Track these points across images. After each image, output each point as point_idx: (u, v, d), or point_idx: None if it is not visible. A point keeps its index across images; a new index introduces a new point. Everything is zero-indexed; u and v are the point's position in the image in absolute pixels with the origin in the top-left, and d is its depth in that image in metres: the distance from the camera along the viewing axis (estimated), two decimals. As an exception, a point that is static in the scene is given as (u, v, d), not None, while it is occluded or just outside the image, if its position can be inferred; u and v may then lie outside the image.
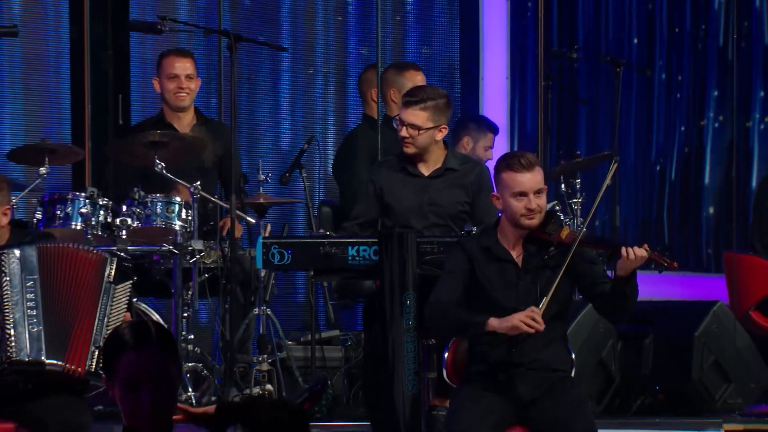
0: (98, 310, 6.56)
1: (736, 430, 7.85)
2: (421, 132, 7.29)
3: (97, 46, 9.72)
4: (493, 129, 9.38)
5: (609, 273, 6.51)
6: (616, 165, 6.69)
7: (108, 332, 6.52)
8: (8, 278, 6.46)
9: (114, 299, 6.61)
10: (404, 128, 7.30)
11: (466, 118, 9.64)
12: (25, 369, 6.45)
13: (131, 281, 6.71)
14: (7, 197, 6.81)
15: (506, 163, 6.48)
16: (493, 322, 6.32)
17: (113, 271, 6.62)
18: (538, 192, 6.44)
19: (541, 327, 6.27)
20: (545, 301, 6.32)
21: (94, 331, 6.53)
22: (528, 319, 6.26)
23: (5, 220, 6.70)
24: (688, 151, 10.53)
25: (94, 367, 6.51)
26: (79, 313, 6.54)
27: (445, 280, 6.56)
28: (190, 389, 7.65)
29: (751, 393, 8.26)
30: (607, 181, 6.63)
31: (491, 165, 9.15)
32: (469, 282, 6.51)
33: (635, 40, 10.49)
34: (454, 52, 10.28)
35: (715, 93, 10.48)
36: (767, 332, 8.52)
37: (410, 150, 7.34)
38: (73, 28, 9.71)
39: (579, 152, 9.29)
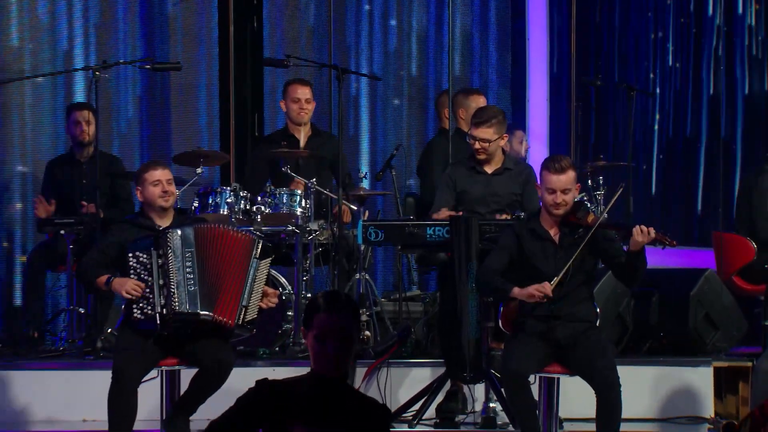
0: (247, 278, 6.53)
1: (722, 366, 7.79)
2: (490, 144, 7.24)
3: (239, 77, 9.73)
4: (518, 126, 9.29)
5: (625, 248, 6.45)
6: (621, 189, 6.60)
7: (253, 295, 6.52)
8: (171, 251, 6.46)
9: (258, 271, 6.58)
10: (477, 143, 7.24)
11: None
12: (185, 318, 6.44)
13: (271, 257, 6.69)
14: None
15: (546, 164, 6.42)
16: (515, 291, 6.30)
17: (259, 250, 6.60)
18: (565, 190, 6.36)
19: (550, 296, 6.22)
20: (556, 279, 6.28)
21: (242, 294, 6.50)
22: (539, 291, 6.23)
23: (172, 191, 6.70)
24: (684, 153, 10.44)
25: (241, 320, 6.49)
26: (228, 279, 6.51)
27: (495, 253, 6.52)
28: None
29: (733, 338, 8.17)
30: (613, 201, 6.54)
31: (531, 153, 9.19)
32: (515, 255, 6.46)
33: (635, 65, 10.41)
34: (506, 79, 10.21)
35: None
36: (746, 292, 8.41)
37: (483, 157, 7.29)
38: (221, 64, 9.73)
39: (602, 156, 9.19)
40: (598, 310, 6.59)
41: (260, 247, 6.58)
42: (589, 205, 7.77)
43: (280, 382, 4.14)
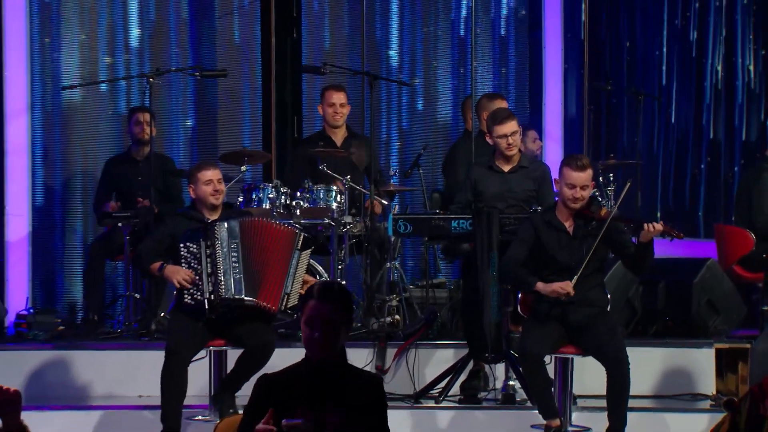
0: (289, 267, 6.55)
1: (722, 347, 7.75)
2: (518, 135, 7.19)
3: (279, 83, 9.74)
4: (530, 126, 9.24)
5: (633, 239, 6.44)
6: (629, 185, 6.57)
7: (295, 284, 6.54)
8: (219, 242, 6.50)
9: (299, 261, 6.61)
10: (508, 138, 7.14)
11: None
12: (230, 303, 6.49)
13: (311, 248, 6.70)
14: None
15: (568, 161, 6.42)
16: (539, 285, 6.31)
17: (300, 241, 6.62)
18: (584, 187, 6.36)
19: (571, 293, 6.21)
20: (575, 278, 6.26)
21: (285, 282, 6.53)
22: (562, 288, 6.23)
23: (222, 189, 6.73)
24: (687, 153, 10.39)
25: (284, 306, 6.52)
26: (272, 268, 6.54)
27: (516, 245, 6.51)
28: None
29: (733, 322, 8.15)
30: (622, 196, 6.53)
31: (547, 153, 9.14)
32: (533, 246, 6.45)
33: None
34: (524, 85, 10.19)
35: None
36: (746, 280, 8.38)
37: (514, 151, 7.22)
38: (263, 71, 9.75)
39: (612, 155, 9.16)
40: (608, 295, 6.58)
41: (302, 239, 6.61)
42: (600, 200, 7.76)
43: (279, 374, 4.14)
